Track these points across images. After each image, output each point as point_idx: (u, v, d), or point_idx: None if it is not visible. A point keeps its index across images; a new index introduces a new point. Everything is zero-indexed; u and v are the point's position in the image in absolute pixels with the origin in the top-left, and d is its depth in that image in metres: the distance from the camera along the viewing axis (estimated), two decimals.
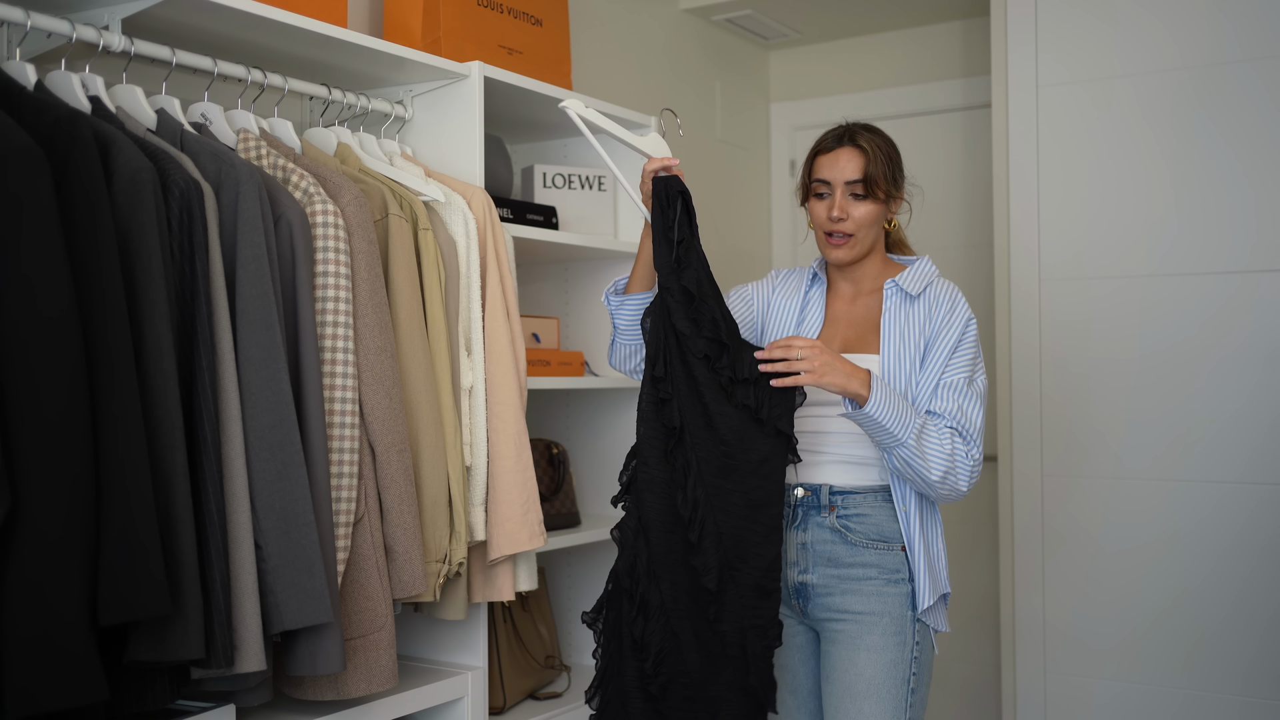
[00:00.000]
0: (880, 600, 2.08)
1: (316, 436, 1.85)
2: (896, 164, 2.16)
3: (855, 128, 2.16)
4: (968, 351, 2.12)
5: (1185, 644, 3.04)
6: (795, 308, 2.24)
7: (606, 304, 2.19)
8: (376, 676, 1.94)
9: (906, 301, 2.15)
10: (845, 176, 2.12)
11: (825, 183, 2.14)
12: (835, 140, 2.16)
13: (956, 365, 2.10)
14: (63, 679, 1.46)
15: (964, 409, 2.07)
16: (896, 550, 2.10)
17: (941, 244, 3.85)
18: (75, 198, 1.57)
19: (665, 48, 3.65)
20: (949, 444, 2.03)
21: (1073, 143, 3.19)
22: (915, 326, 2.13)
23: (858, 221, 2.13)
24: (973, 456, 2.05)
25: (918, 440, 2.00)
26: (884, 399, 1.98)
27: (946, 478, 2.03)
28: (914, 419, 2.00)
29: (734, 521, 1.99)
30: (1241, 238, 2.99)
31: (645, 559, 1.98)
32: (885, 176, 2.12)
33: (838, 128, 2.18)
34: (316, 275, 1.91)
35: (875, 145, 2.13)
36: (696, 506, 1.98)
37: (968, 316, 2.14)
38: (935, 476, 2.02)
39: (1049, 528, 3.21)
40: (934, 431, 2.02)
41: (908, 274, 2.17)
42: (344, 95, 2.29)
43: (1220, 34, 3.01)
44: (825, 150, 2.16)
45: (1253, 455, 2.97)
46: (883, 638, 2.07)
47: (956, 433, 2.05)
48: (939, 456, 2.01)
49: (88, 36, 1.84)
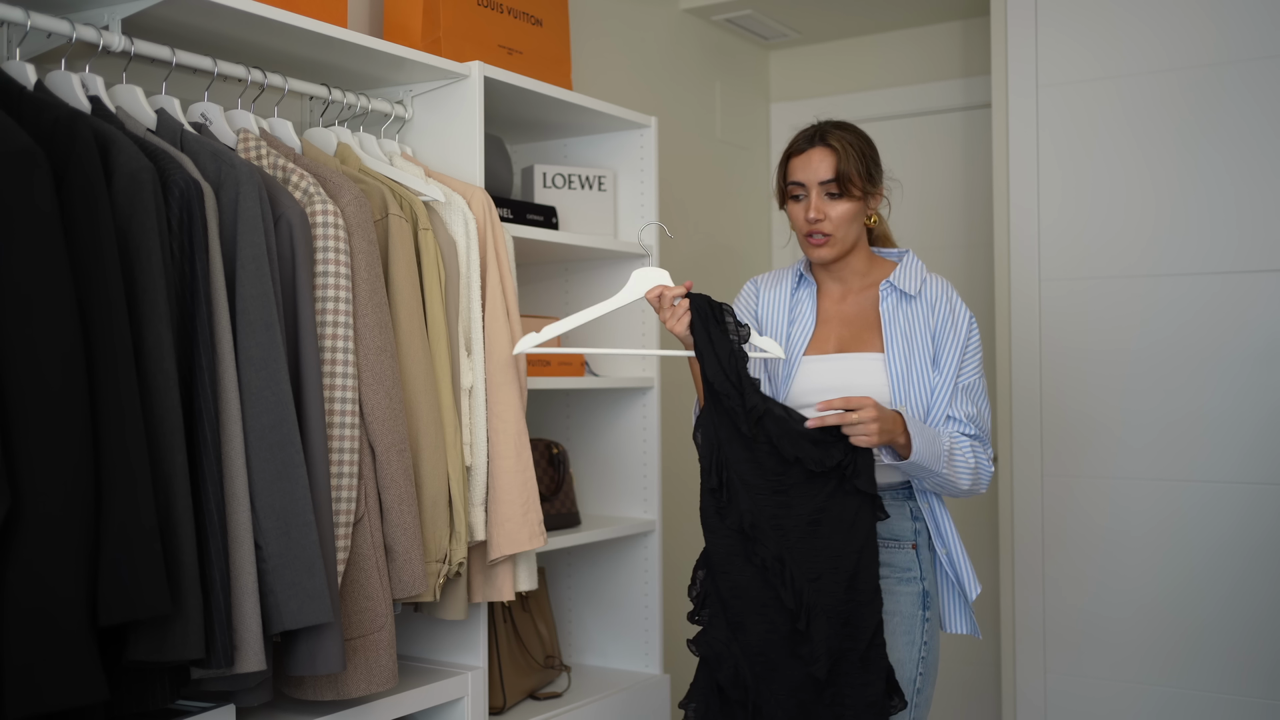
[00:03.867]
0: (890, 599, 2.08)
1: (316, 436, 1.85)
2: (872, 159, 2.15)
3: (826, 126, 2.16)
4: (975, 351, 2.16)
5: (1185, 644, 3.04)
6: (784, 310, 2.23)
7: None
8: (376, 676, 1.94)
9: (904, 301, 2.15)
10: (819, 177, 2.12)
11: (800, 184, 2.15)
12: (806, 141, 2.16)
13: (970, 367, 2.14)
14: (63, 679, 1.46)
15: (981, 411, 2.12)
16: (907, 549, 2.10)
17: (941, 244, 3.85)
18: (75, 198, 1.57)
19: (665, 48, 3.65)
20: (973, 458, 2.07)
21: (1073, 143, 3.19)
22: (919, 326, 2.13)
23: (835, 221, 2.13)
24: (990, 458, 2.12)
25: (949, 466, 2.04)
26: (921, 444, 2.00)
27: (973, 486, 2.09)
28: (942, 447, 2.03)
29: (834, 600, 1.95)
30: (1241, 238, 2.99)
31: (748, 666, 1.96)
32: (859, 173, 2.11)
33: (809, 128, 2.17)
34: (316, 275, 1.91)
35: (846, 143, 2.13)
36: (800, 595, 1.94)
37: (969, 315, 2.17)
38: (964, 488, 2.08)
39: (1049, 528, 3.21)
40: (960, 451, 2.06)
41: (899, 272, 2.17)
42: (344, 95, 2.29)
43: (1220, 34, 3.01)
44: (797, 152, 2.16)
45: (1253, 455, 2.97)
46: (892, 636, 2.07)
47: (976, 440, 2.10)
48: (966, 471, 2.07)
49: (88, 36, 1.84)
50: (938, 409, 2.09)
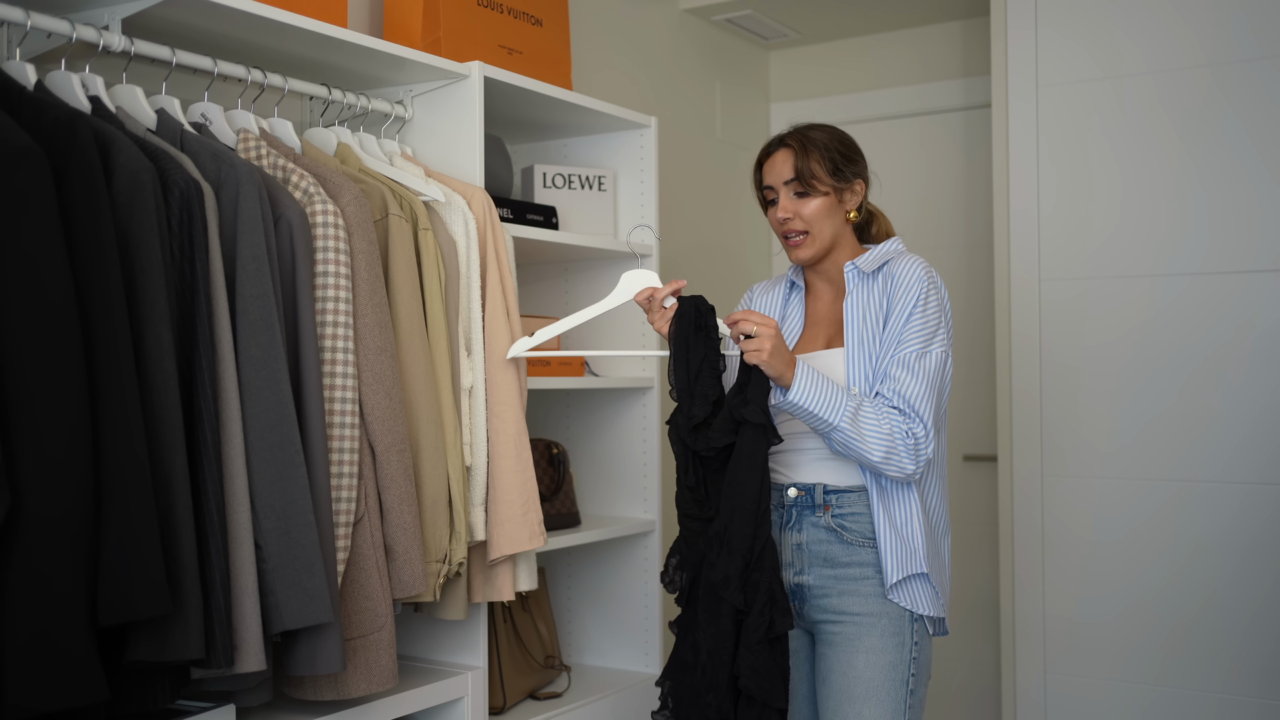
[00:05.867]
0: (878, 601, 2.08)
1: (316, 436, 1.85)
2: (841, 155, 2.16)
3: (794, 128, 2.20)
4: (920, 321, 2.06)
5: (1185, 644, 3.04)
6: (776, 315, 2.27)
7: None
8: (376, 676, 1.94)
9: (866, 282, 2.15)
10: (783, 177, 2.16)
11: (770, 188, 2.19)
12: (773, 145, 2.21)
13: (910, 338, 2.06)
14: (63, 679, 1.46)
15: (904, 383, 2.03)
16: None
17: (941, 244, 3.85)
18: (75, 198, 1.57)
19: (665, 48, 3.65)
20: (887, 424, 2.00)
21: (1073, 143, 3.19)
22: (874, 305, 2.12)
23: (807, 218, 2.15)
24: (914, 434, 2.01)
25: (853, 423, 1.98)
26: (809, 384, 1.99)
27: (890, 458, 2.00)
28: (846, 402, 1.99)
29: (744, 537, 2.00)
30: (1241, 238, 2.99)
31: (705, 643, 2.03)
32: (823, 169, 2.13)
33: (778, 134, 2.22)
34: (316, 275, 1.91)
35: (806, 140, 2.15)
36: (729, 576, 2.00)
37: (925, 285, 2.08)
38: (877, 458, 2.00)
39: (1049, 528, 3.21)
40: (871, 413, 2.00)
41: (866, 255, 2.18)
42: (344, 95, 2.29)
43: (1220, 34, 3.01)
44: (765, 156, 2.22)
45: (1253, 455, 2.97)
46: (881, 639, 2.07)
47: (898, 411, 2.03)
48: (877, 437, 1.99)
49: (88, 36, 1.84)
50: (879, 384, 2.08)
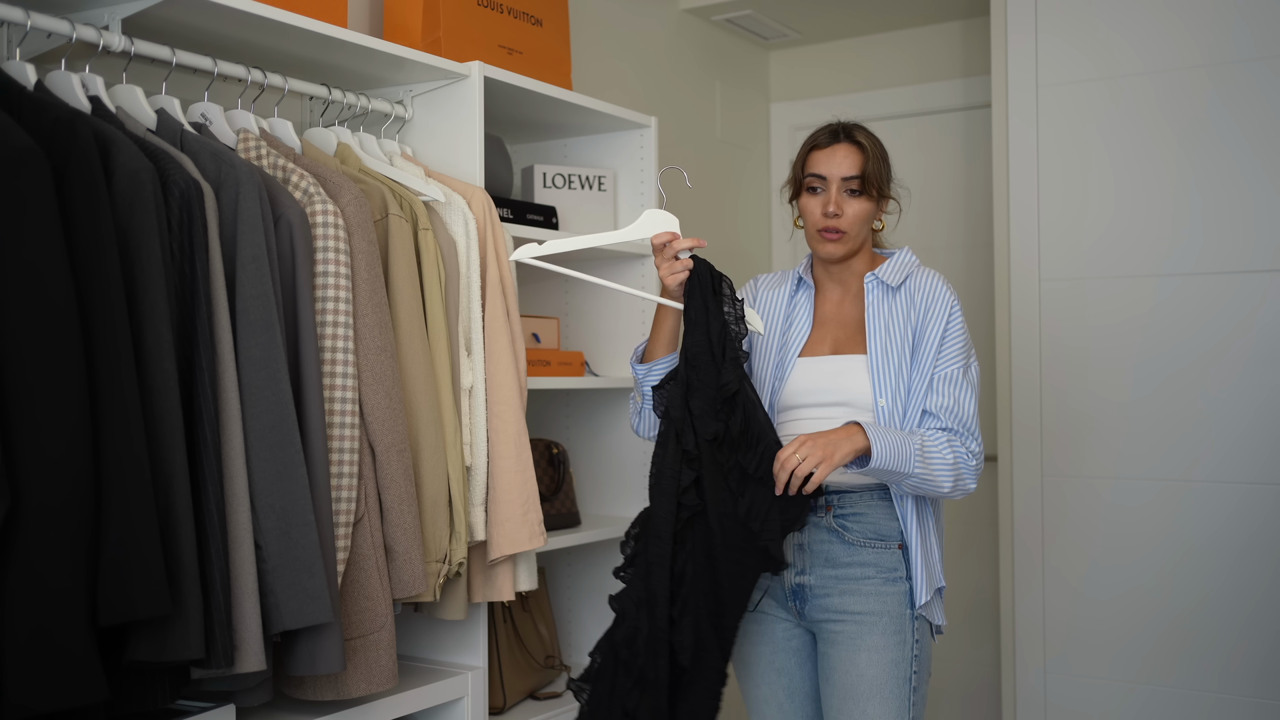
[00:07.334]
0: (879, 600, 2.08)
1: (316, 436, 1.85)
2: (889, 165, 2.17)
3: (850, 125, 2.17)
4: (957, 340, 2.10)
5: (1185, 643, 3.04)
6: (781, 313, 2.23)
7: (634, 372, 2.19)
8: (376, 676, 1.94)
9: (888, 295, 2.15)
10: (842, 172, 2.12)
11: (820, 178, 2.14)
12: (831, 136, 2.16)
13: (949, 356, 2.09)
14: (63, 679, 1.46)
15: (959, 402, 2.06)
16: (894, 548, 2.09)
17: (941, 244, 3.85)
18: (75, 198, 1.57)
19: (665, 48, 3.65)
20: (950, 454, 2.03)
21: (1073, 143, 3.19)
22: (899, 319, 2.12)
23: (851, 218, 2.13)
24: (973, 453, 2.06)
25: (924, 464, 2.00)
26: (883, 446, 1.96)
27: (957, 484, 2.04)
28: (912, 447, 1.99)
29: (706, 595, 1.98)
30: (1241, 238, 2.99)
31: (646, 633, 1.97)
32: (880, 175, 2.13)
33: (832, 124, 2.18)
34: (316, 275, 1.91)
35: (872, 144, 2.15)
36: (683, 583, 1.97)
37: (951, 302, 2.12)
38: (946, 488, 2.03)
39: (1049, 528, 3.21)
40: (934, 448, 2.02)
41: (887, 265, 2.17)
42: (344, 95, 2.29)
43: (1219, 34, 3.01)
44: (821, 146, 2.16)
45: (1253, 455, 2.97)
46: (883, 637, 2.07)
47: (954, 434, 2.05)
48: (944, 469, 2.02)
49: (88, 36, 1.84)
50: (915, 403, 2.07)
